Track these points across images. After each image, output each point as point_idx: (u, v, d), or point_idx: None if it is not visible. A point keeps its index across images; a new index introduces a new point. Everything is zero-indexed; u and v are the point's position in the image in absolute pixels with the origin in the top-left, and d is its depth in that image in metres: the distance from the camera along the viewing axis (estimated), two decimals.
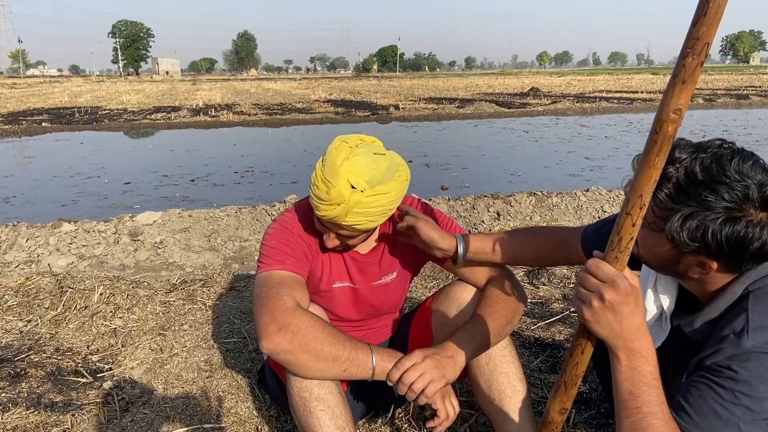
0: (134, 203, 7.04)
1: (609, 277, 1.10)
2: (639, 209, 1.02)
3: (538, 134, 13.31)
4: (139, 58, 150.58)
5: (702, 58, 0.90)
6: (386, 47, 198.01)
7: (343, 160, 1.48)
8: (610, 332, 1.13)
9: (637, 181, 1.00)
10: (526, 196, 5.28)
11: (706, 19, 0.88)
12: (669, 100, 0.94)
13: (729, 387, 1.16)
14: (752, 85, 32.85)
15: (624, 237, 1.05)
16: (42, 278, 3.40)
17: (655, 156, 0.98)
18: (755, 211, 1.16)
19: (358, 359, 1.47)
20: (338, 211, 1.48)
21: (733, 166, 1.17)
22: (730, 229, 1.16)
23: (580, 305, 1.14)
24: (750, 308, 1.22)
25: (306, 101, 24.30)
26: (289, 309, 1.46)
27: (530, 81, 43.76)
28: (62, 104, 24.36)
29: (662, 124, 0.96)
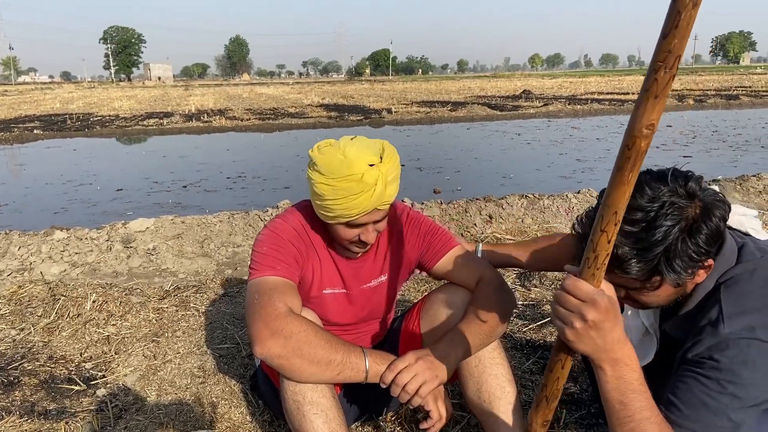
0: (127, 210, 7.03)
1: (589, 296, 1.10)
2: (614, 225, 1.01)
3: (530, 136, 13.36)
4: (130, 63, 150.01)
5: (674, 71, 0.88)
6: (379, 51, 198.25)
7: (343, 153, 1.54)
8: (593, 348, 1.14)
9: (610, 198, 0.99)
10: (517, 198, 5.30)
11: (678, 32, 0.85)
12: (641, 114, 0.91)
13: (714, 377, 1.19)
14: (742, 85, 33.07)
15: (600, 254, 1.04)
16: (34, 286, 3.40)
17: (628, 172, 0.95)
18: (692, 208, 1.23)
19: (351, 362, 1.48)
20: (379, 190, 1.55)
21: (640, 202, 1.23)
22: (698, 235, 1.22)
23: (561, 326, 1.14)
24: (723, 298, 1.26)
25: (299, 106, 24.30)
26: (282, 314, 1.48)
27: (522, 83, 43.90)
28: (54, 111, 24.27)
29: (635, 140, 0.93)
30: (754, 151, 10.29)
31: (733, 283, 1.28)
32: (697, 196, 1.24)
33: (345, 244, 1.70)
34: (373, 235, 1.66)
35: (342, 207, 1.56)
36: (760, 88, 29.36)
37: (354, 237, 1.66)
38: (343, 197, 1.55)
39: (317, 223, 1.78)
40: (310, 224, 1.78)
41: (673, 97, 23.56)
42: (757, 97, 23.69)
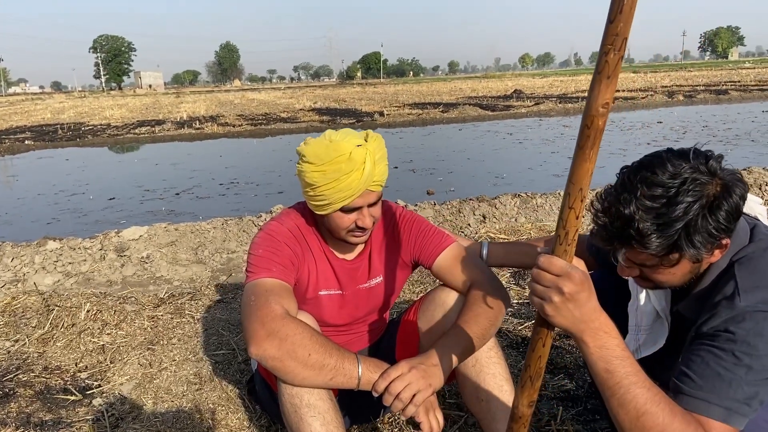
0: (120, 218, 7.01)
1: (563, 270, 1.14)
2: (581, 201, 1.06)
3: (522, 136, 13.40)
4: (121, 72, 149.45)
5: (622, 53, 0.94)
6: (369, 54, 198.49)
7: (329, 140, 1.61)
8: (572, 321, 1.17)
9: (575, 175, 1.04)
10: (510, 197, 5.32)
11: (623, 16, 0.91)
12: (597, 95, 0.97)
13: (729, 348, 1.21)
14: (731, 80, 33.26)
15: (570, 230, 1.09)
16: (28, 297, 3.38)
17: (589, 149, 1.01)
18: (713, 185, 1.24)
19: (344, 368, 1.48)
20: (368, 168, 1.58)
21: (661, 178, 1.24)
22: (718, 211, 1.23)
23: (540, 302, 1.17)
24: (737, 273, 1.28)
25: (291, 110, 24.30)
26: (278, 316, 1.48)
27: (513, 83, 44.02)
28: (45, 121, 24.19)
29: (593, 119, 0.99)
30: (744, 145, 10.35)
31: (747, 260, 1.30)
32: (718, 174, 1.24)
33: (343, 235, 1.70)
34: (369, 219, 1.67)
35: (334, 190, 1.58)
36: (749, 83, 29.56)
37: (351, 224, 1.67)
38: (334, 180, 1.57)
39: (312, 224, 1.80)
40: (305, 225, 1.78)
41: (663, 93, 23.69)
42: (746, 91, 23.84)
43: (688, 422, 1.17)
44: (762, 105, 18.77)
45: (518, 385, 1.26)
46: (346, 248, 1.83)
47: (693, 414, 1.20)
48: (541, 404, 2.26)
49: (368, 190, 1.62)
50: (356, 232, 1.69)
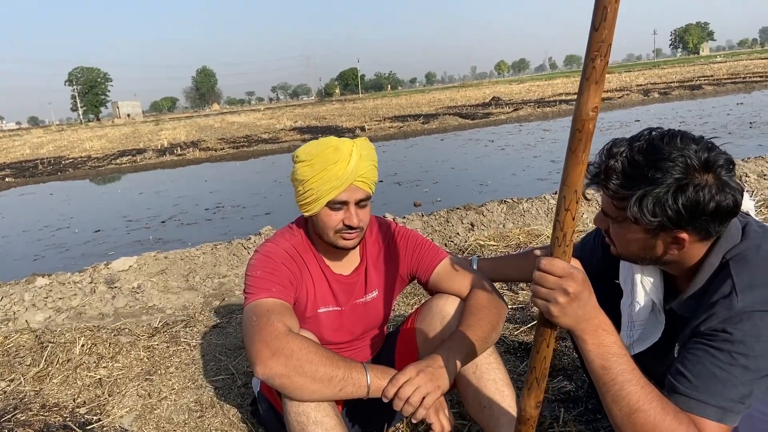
0: (108, 250, 6.96)
1: (566, 271, 1.16)
2: (576, 203, 1.09)
3: (503, 142, 13.51)
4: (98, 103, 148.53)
5: (608, 58, 0.98)
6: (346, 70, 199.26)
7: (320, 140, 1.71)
8: (575, 320, 1.19)
9: (569, 178, 1.07)
10: (497, 204, 5.36)
11: (607, 23, 0.95)
12: (586, 100, 1.01)
13: (725, 349, 1.22)
14: (704, 75, 33.82)
15: (567, 232, 1.12)
16: (21, 335, 3.35)
17: (581, 152, 1.05)
18: (700, 175, 1.26)
19: (353, 378, 1.49)
20: (354, 160, 1.65)
21: (666, 144, 1.28)
22: (683, 196, 1.25)
23: (545, 304, 1.19)
24: (733, 272, 1.29)
25: (272, 131, 24.32)
26: (282, 334, 1.49)
27: (491, 91, 44.39)
28: (24, 157, 23.98)
29: (584, 123, 1.02)
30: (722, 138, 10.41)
31: (742, 259, 1.31)
32: (712, 171, 1.26)
33: (332, 236, 1.72)
34: (355, 218, 1.69)
35: (321, 181, 1.64)
36: (722, 76, 30.08)
37: (338, 223, 1.70)
38: (322, 170, 1.64)
39: (308, 241, 1.82)
40: (301, 244, 1.81)
41: (638, 92, 24.02)
42: (719, 85, 24.25)
43: (680, 421, 1.19)
44: (736, 98, 19.10)
45: (524, 387, 1.28)
46: (343, 262, 1.85)
47: (687, 413, 1.22)
48: (543, 407, 2.27)
49: (355, 185, 1.67)
50: (345, 233, 1.71)
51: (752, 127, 11.42)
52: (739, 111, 14.69)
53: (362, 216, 1.72)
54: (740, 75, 29.68)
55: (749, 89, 21.96)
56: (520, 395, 1.31)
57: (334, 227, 1.70)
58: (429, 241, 1.92)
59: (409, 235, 1.92)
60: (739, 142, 9.72)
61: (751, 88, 22.16)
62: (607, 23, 0.95)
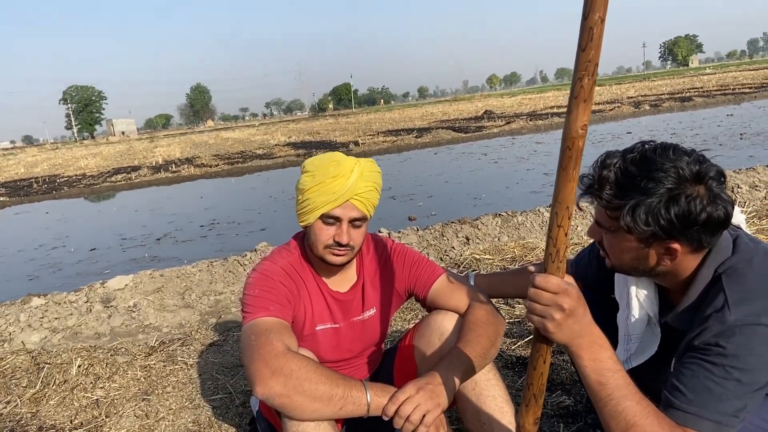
0: (103, 269, 6.94)
1: (561, 287, 1.18)
2: (568, 219, 1.11)
3: (497, 155, 13.58)
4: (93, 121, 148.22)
5: (595, 77, 1.01)
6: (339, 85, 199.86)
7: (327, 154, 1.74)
8: (571, 335, 1.21)
9: (561, 194, 1.10)
10: (492, 217, 5.38)
11: (593, 44, 0.99)
12: (575, 118, 1.04)
13: (719, 363, 1.24)
14: (694, 86, 34.12)
15: (560, 248, 1.14)
16: (17, 356, 3.33)
17: (572, 169, 1.08)
18: (691, 186, 1.29)
19: (353, 396, 1.49)
20: (354, 177, 1.68)
21: (659, 156, 1.31)
22: (675, 206, 1.27)
23: (541, 320, 1.21)
24: (726, 286, 1.31)
25: (266, 147, 24.36)
26: (281, 353, 1.50)
27: (483, 104, 44.65)
28: (18, 176, 23.94)
29: (574, 141, 1.06)
30: (713, 149, 10.59)
31: (733, 272, 1.33)
32: (704, 183, 1.29)
33: (322, 251, 1.74)
34: (345, 236, 1.71)
35: (319, 193, 1.67)
36: (711, 88, 30.35)
37: (329, 239, 1.71)
38: (321, 182, 1.67)
39: (305, 258, 1.84)
40: (298, 261, 1.82)
41: (629, 104, 24.21)
42: (709, 96, 24.47)
43: None
44: (726, 109, 19.28)
45: (522, 403, 1.29)
46: (340, 280, 1.86)
47: (683, 427, 1.23)
48: (542, 422, 2.27)
49: (351, 203, 1.69)
50: (334, 249, 1.72)
51: (743, 139, 11.52)
52: (729, 122, 14.82)
53: (354, 235, 1.74)
54: (730, 87, 29.96)
55: (739, 101, 22.17)
56: (518, 412, 1.32)
57: (324, 242, 1.72)
58: (425, 258, 1.94)
59: (405, 252, 1.94)
60: (730, 154, 9.81)
61: (741, 100, 22.38)
62: (593, 44, 0.99)
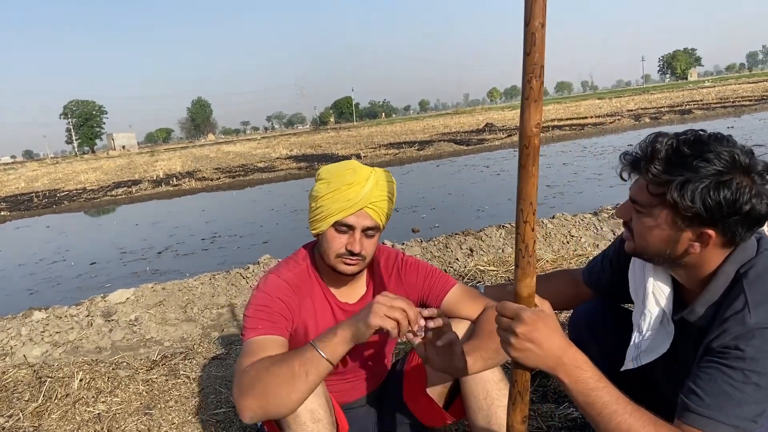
0: (104, 282, 6.91)
1: (513, 312, 1.22)
2: (533, 215, 1.16)
3: (499, 168, 13.60)
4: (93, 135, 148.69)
5: (542, 78, 1.09)
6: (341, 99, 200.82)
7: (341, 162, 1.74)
8: (536, 360, 1.22)
9: (523, 191, 1.14)
10: (495, 229, 5.36)
11: (537, 48, 1.06)
12: (529, 117, 1.10)
13: (738, 366, 1.22)
14: (693, 99, 34.23)
15: (529, 243, 1.18)
16: (18, 371, 3.30)
17: (531, 166, 1.14)
18: (741, 176, 1.27)
19: (307, 359, 1.50)
20: (369, 185, 1.67)
21: (713, 140, 1.31)
22: (725, 190, 1.26)
23: (505, 347, 1.25)
24: (746, 288, 1.30)
25: (267, 160, 24.40)
26: (243, 371, 1.52)
27: (484, 117, 44.80)
28: (19, 191, 23.98)
29: (530, 140, 1.12)
30: None
31: (755, 274, 1.32)
32: (752, 174, 1.28)
33: (333, 260, 1.72)
34: (358, 245, 1.69)
35: (333, 200, 1.66)
36: (711, 101, 30.45)
37: (341, 247, 1.70)
38: (336, 189, 1.66)
39: (313, 270, 1.83)
40: (305, 272, 1.81)
41: (629, 117, 24.29)
42: (709, 109, 24.54)
43: None
44: (726, 122, 19.32)
45: (508, 402, 1.30)
46: (348, 291, 1.84)
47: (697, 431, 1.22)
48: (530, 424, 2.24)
49: (365, 212, 1.68)
50: (346, 258, 1.71)
51: None
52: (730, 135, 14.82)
53: (366, 245, 1.72)
54: (729, 99, 30.07)
55: (739, 113, 22.23)
56: (507, 411, 1.32)
57: (336, 250, 1.70)
58: (437, 269, 1.92)
59: (417, 263, 1.92)
60: None
61: (741, 112, 22.44)
62: (537, 47, 1.06)
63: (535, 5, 1.05)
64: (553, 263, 4.55)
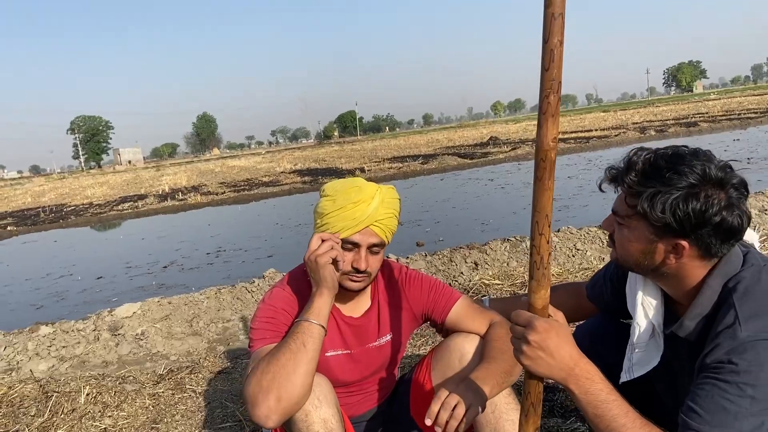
0: (111, 297, 6.93)
1: (526, 320, 1.24)
2: (548, 227, 1.18)
3: (503, 181, 13.61)
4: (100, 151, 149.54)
5: (559, 94, 1.12)
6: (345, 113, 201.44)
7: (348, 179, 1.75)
8: (548, 369, 1.24)
9: (539, 204, 1.17)
10: (500, 243, 5.36)
11: (555, 64, 1.09)
12: (546, 132, 1.13)
13: (732, 380, 1.23)
14: (699, 112, 34.22)
15: (544, 255, 1.20)
16: (25, 385, 3.31)
17: (547, 179, 1.16)
18: (712, 189, 1.31)
19: (299, 332, 1.57)
20: (375, 203, 1.68)
21: (689, 154, 1.35)
22: (693, 201, 1.30)
23: (517, 355, 1.27)
24: (736, 302, 1.31)
25: (272, 174, 24.49)
26: (248, 376, 1.55)
27: (488, 130, 44.89)
28: (26, 206, 24.10)
29: (546, 153, 1.14)
30: None
31: (743, 288, 1.33)
32: (725, 188, 1.32)
33: (340, 278, 1.73)
34: (364, 262, 1.70)
35: (339, 218, 1.67)
36: (717, 113, 30.42)
37: (348, 265, 1.71)
38: (341, 207, 1.67)
39: None
40: (309, 286, 1.81)
41: (635, 130, 24.30)
42: (714, 121, 24.53)
43: None
44: (732, 134, 19.32)
45: (521, 414, 1.31)
46: (353, 305, 1.85)
47: None
48: None
49: (370, 229, 1.69)
50: (352, 275, 1.72)
51: (750, 163, 11.50)
52: (736, 147, 14.83)
53: (372, 261, 1.74)
54: (735, 111, 30.05)
55: (744, 125, 22.21)
56: (519, 423, 1.33)
57: (342, 268, 1.71)
58: (442, 282, 1.93)
59: (421, 277, 1.93)
60: None
61: (747, 125, 22.42)
62: (555, 64, 1.09)
63: (554, 23, 1.08)
64: (558, 277, 4.55)
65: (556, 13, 1.07)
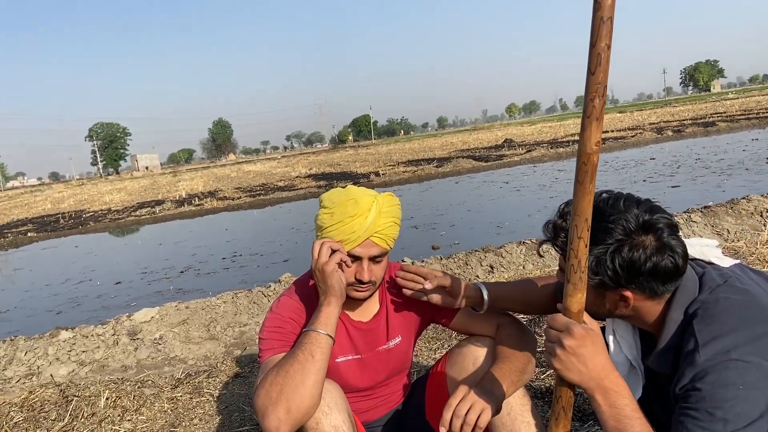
0: (129, 302, 7.00)
1: (564, 325, 1.23)
2: (587, 231, 1.18)
3: (518, 183, 13.55)
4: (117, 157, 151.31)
5: (605, 98, 1.11)
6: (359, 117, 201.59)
7: (344, 189, 1.74)
8: (579, 376, 1.24)
9: (579, 207, 1.17)
10: (516, 245, 5.35)
11: (602, 68, 1.09)
12: (589, 136, 1.13)
13: (701, 407, 1.23)
14: (717, 111, 33.80)
15: (582, 259, 1.20)
16: (45, 390, 3.36)
17: (588, 183, 1.15)
18: (638, 237, 1.32)
19: (307, 342, 1.57)
20: (372, 215, 1.67)
21: (609, 207, 1.35)
22: (619, 256, 1.31)
23: (548, 357, 1.27)
24: (696, 328, 1.31)
25: (287, 179, 24.61)
26: (257, 387, 1.55)
27: (503, 133, 44.75)
28: (46, 212, 24.45)
29: (589, 157, 1.14)
30: (738, 174, 10.46)
31: (702, 312, 1.32)
32: (654, 233, 1.31)
33: (346, 290, 1.73)
34: (367, 274, 1.70)
35: (338, 233, 1.67)
36: (735, 113, 30.03)
37: (351, 276, 1.71)
38: (339, 221, 1.66)
39: None
40: (316, 293, 1.81)
41: (651, 130, 24.09)
42: (733, 121, 24.23)
43: None
44: (750, 133, 19.08)
45: (551, 417, 1.31)
46: (361, 310, 1.85)
47: None
48: None
49: (371, 241, 1.68)
50: (357, 286, 1.73)
51: None
52: (754, 147, 14.64)
53: (375, 271, 1.74)
54: (753, 111, 29.63)
55: (764, 125, 21.91)
56: (548, 427, 1.33)
57: (346, 279, 1.72)
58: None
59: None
60: (756, 178, 9.68)
61: (766, 124, 22.11)
62: (602, 67, 1.08)
63: (602, 27, 1.07)
64: None
65: (605, 17, 1.06)
